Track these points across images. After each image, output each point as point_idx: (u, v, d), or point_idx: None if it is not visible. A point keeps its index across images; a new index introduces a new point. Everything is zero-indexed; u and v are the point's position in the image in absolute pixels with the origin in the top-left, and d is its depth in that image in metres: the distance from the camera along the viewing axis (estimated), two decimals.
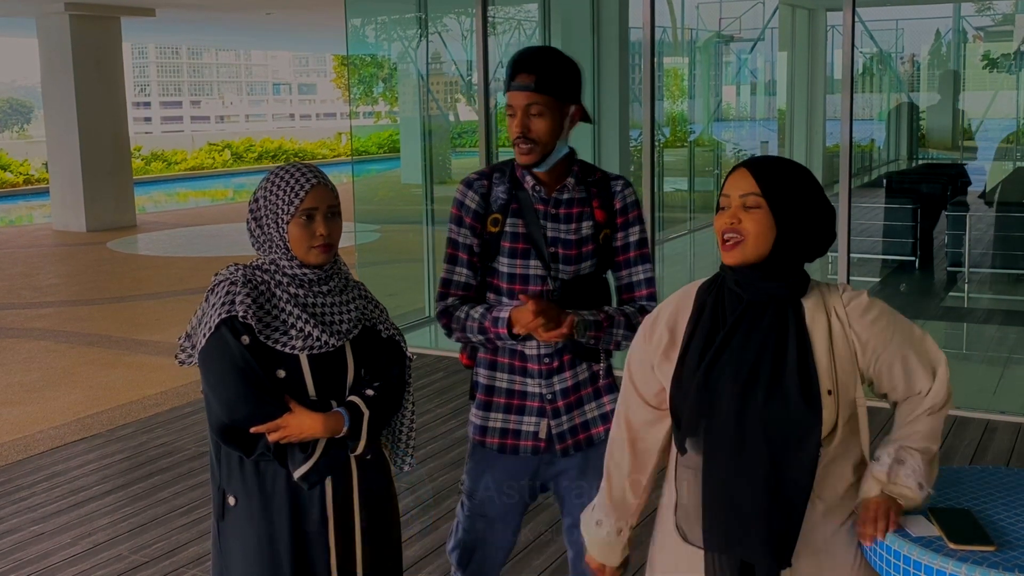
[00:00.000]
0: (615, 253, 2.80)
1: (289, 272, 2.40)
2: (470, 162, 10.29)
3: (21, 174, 22.46)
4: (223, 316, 2.32)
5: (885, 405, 2.23)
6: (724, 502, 2.09)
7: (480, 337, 2.71)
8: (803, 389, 2.04)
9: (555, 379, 2.76)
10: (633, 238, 2.79)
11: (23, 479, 5.21)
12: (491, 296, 2.78)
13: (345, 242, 2.59)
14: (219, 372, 2.33)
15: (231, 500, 2.42)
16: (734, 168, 2.15)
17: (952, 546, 1.99)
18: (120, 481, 5.14)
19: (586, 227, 2.74)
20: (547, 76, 2.63)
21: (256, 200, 2.42)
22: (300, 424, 2.33)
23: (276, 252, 2.40)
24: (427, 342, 7.60)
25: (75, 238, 14.64)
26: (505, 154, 5.54)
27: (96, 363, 7.55)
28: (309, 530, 2.42)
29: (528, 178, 2.72)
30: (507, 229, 2.73)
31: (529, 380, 2.77)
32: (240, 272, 2.41)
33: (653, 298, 2.78)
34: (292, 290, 2.39)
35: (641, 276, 2.79)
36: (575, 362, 2.77)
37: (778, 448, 2.04)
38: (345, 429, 2.39)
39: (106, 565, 4.20)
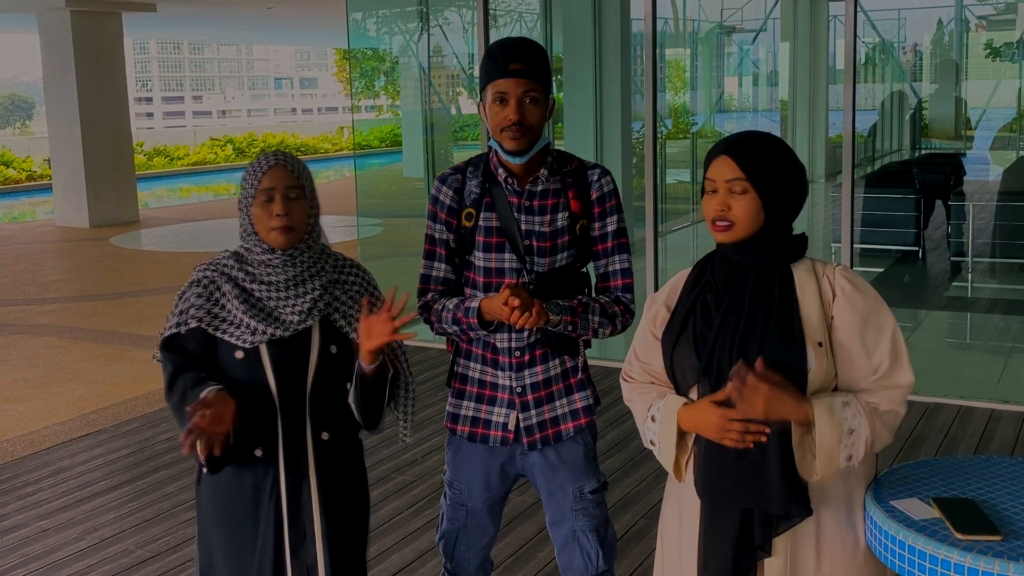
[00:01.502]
0: (593, 243, 2.77)
1: (256, 258, 2.47)
2: (472, 155, 10.26)
3: (23, 170, 22.45)
4: (166, 334, 2.49)
5: None
6: (729, 455, 2.12)
7: (454, 328, 2.71)
8: (783, 335, 2.10)
9: (525, 373, 2.74)
10: (610, 228, 2.75)
11: (29, 475, 5.22)
12: (468, 291, 2.77)
13: (348, 235, 2.59)
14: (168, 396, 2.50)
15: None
16: (715, 151, 2.19)
17: (959, 536, 1.99)
18: (126, 476, 5.15)
19: (561, 218, 2.71)
20: (538, 66, 2.63)
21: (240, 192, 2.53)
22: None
23: (248, 238, 2.49)
24: (430, 336, 7.60)
25: (78, 234, 14.65)
26: None
27: (101, 359, 7.57)
28: (261, 501, 2.47)
29: (501, 171, 2.70)
30: (481, 223, 2.72)
31: (500, 372, 2.76)
32: (202, 272, 2.54)
33: (629, 289, 2.77)
34: (246, 284, 2.47)
35: (618, 266, 2.76)
36: (547, 357, 2.75)
37: None
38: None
39: (112, 560, 4.21)
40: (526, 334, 2.72)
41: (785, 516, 2.11)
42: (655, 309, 2.32)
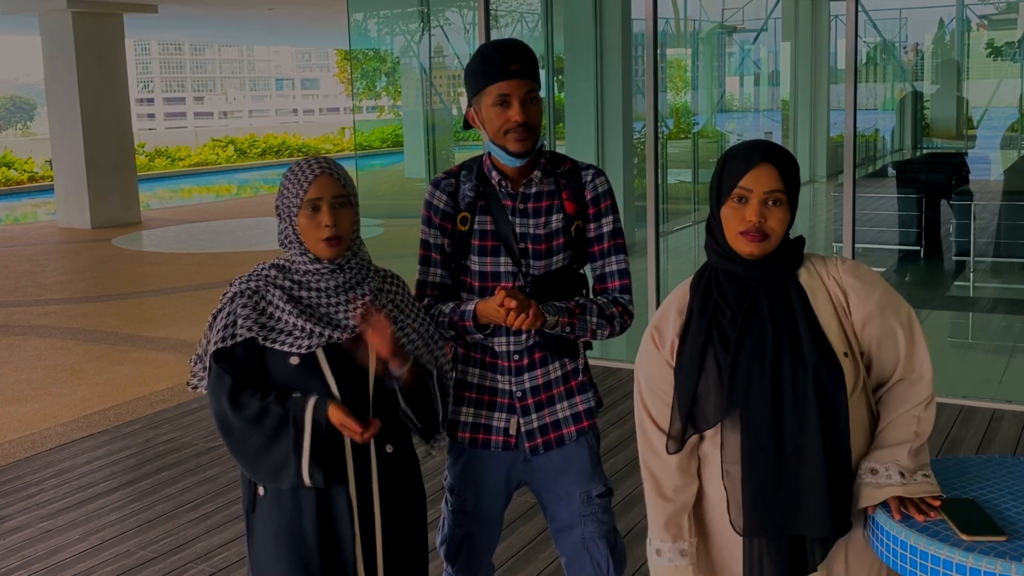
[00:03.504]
0: (589, 244, 2.74)
1: (302, 267, 2.40)
2: (473, 155, 10.26)
3: (25, 171, 22.47)
4: (212, 349, 2.39)
5: None
6: (774, 484, 2.09)
7: (451, 332, 2.67)
8: (820, 354, 2.07)
9: (525, 376, 2.71)
10: (606, 228, 2.72)
11: (31, 476, 5.22)
12: (464, 295, 2.74)
13: None
14: (223, 424, 2.41)
15: (260, 491, 2.44)
16: (750, 159, 2.10)
17: (963, 537, 1.99)
18: (127, 477, 5.15)
19: (556, 220, 2.69)
20: (533, 66, 2.62)
21: (277, 197, 2.45)
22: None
23: (293, 248, 2.42)
24: None
25: (80, 235, 14.65)
26: None
27: (102, 360, 7.57)
28: (337, 520, 2.41)
29: (494, 174, 2.68)
30: (476, 227, 2.69)
31: (499, 376, 2.72)
32: (244, 284, 2.43)
33: (627, 289, 2.73)
34: (295, 292, 2.40)
35: (614, 267, 2.73)
36: (547, 360, 2.72)
37: (814, 418, 2.07)
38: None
39: (114, 561, 4.21)
40: (524, 337, 2.69)
41: (837, 534, 2.12)
42: (668, 339, 2.21)
